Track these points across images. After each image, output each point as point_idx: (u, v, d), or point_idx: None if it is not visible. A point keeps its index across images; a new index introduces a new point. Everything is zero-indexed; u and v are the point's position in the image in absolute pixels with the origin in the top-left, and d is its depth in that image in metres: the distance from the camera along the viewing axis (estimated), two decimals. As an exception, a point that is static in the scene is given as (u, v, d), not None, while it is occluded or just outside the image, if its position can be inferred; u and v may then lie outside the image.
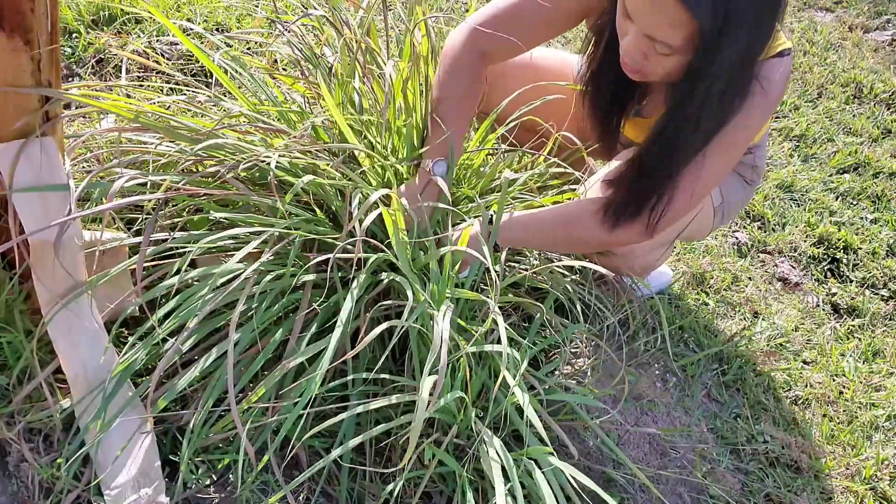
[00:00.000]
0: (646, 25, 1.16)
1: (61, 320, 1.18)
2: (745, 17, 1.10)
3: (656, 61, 1.20)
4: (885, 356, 1.86)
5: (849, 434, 1.62)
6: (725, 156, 1.33)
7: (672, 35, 1.13)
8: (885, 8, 3.57)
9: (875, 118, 2.78)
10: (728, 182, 1.58)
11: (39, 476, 1.13)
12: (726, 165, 1.37)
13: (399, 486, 1.16)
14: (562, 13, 1.37)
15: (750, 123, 1.31)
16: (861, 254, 2.16)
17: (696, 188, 1.32)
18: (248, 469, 1.18)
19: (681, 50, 1.16)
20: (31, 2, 1.03)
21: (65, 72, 1.82)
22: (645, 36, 1.17)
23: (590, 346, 1.55)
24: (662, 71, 1.22)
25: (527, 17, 1.38)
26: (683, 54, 1.16)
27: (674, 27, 1.12)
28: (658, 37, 1.15)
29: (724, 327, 1.80)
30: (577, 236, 1.41)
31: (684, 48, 1.15)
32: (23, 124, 1.13)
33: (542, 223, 1.42)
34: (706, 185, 1.35)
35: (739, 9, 1.09)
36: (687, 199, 1.33)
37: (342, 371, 1.26)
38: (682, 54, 1.17)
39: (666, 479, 1.41)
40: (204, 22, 2.05)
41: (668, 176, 1.30)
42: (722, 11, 1.08)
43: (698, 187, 1.33)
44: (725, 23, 1.09)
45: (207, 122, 1.41)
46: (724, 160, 1.33)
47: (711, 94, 1.19)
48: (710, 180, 1.35)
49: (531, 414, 1.15)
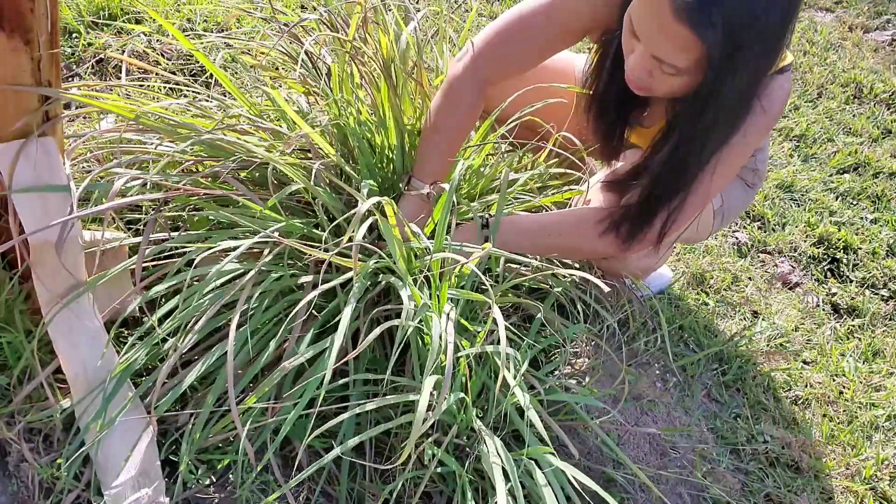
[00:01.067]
0: (653, 47, 1.15)
1: (61, 320, 1.17)
2: (754, 42, 1.09)
3: (662, 80, 1.20)
4: (885, 356, 1.86)
5: (849, 434, 1.62)
6: (727, 170, 1.34)
7: (679, 58, 1.13)
8: (885, 8, 3.57)
9: (875, 118, 2.78)
10: (729, 185, 1.58)
11: (39, 476, 1.13)
12: (728, 179, 1.39)
13: (399, 486, 1.16)
14: (563, 31, 1.37)
15: (751, 140, 1.32)
16: (861, 254, 2.16)
17: (698, 203, 1.34)
18: (248, 469, 1.18)
19: (687, 71, 1.15)
20: (31, 2, 1.03)
21: (65, 72, 1.82)
22: (652, 56, 1.16)
23: (590, 347, 1.55)
24: (668, 89, 1.21)
25: (529, 37, 1.37)
26: (690, 75, 1.16)
27: (681, 50, 1.12)
28: (665, 59, 1.14)
29: (724, 327, 1.80)
30: (574, 246, 1.41)
31: (691, 70, 1.14)
32: (23, 124, 1.13)
33: (537, 229, 1.42)
34: (707, 199, 1.37)
35: (748, 34, 1.08)
36: (689, 214, 1.35)
37: (343, 371, 1.26)
38: (688, 75, 1.16)
39: (666, 479, 1.41)
40: (204, 22, 2.05)
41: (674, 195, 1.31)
42: (731, 36, 1.07)
43: (700, 202, 1.35)
44: (735, 48, 1.09)
45: (207, 122, 1.41)
46: (725, 175, 1.35)
47: (719, 115, 1.19)
48: (712, 194, 1.37)
49: (531, 414, 1.15)
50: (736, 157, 1.34)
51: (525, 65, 1.42)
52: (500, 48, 1.38)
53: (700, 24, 1.07)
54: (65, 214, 1.15)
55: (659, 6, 1.10)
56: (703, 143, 1.24)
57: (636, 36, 1.17)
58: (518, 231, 1.40)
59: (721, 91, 1.15)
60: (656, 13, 1.11)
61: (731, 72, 1.12)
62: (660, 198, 1.32)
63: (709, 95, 1.16)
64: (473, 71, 1.39)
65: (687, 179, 1.30)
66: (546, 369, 1.43)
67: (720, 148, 1.27)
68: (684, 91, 1.20)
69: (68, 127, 1.54)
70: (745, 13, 1.07)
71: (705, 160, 1.27)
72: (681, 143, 1.25)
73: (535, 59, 1.42)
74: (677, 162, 1.27)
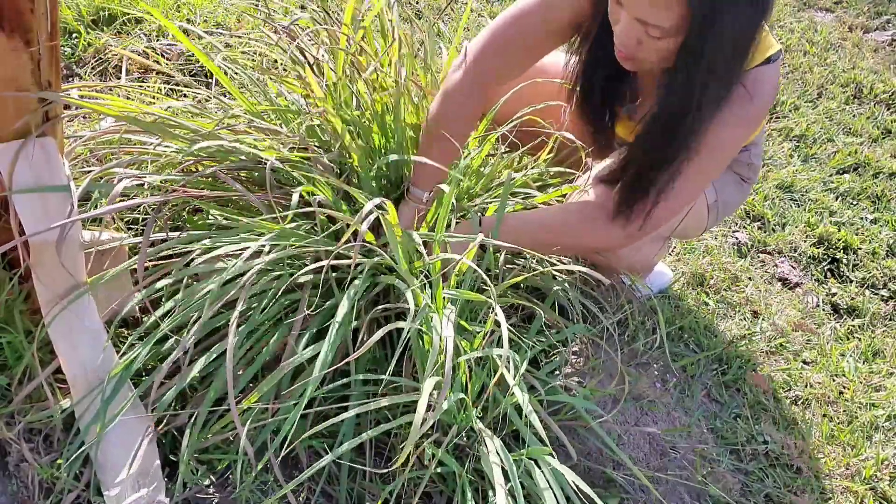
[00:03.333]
0: (636, 10, 1.16)
1: (61, 321, 1.17)
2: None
3: (650, 46, 1.20)
4: (885, 356, 1.86)
5: (849, 434, 1.62)
6: (715, 154, 1.33)
7: (663, 17, 1.14)
8: (885, 8, 3.57)
9: (875, 118, 2.78)
10: (723, 180, 1.58)
11: (39, 476, 1.13)
12: (716, 165, 1.38)
13: (399, 486, 1.16)
14: (559, 24, 1.37)
15: (738, 131, 1.32)
16: (861, 254, 2.16)
17: (688, 188, 1.33)
18: (248, 469, 1.18)
19: (673, 31, 1.16)
20: (31, 2, 1.03)
21: (65, 72, 1.82)
22: (636, 20, 1.17)
23: (590, 347, 1.55)
24: (657, 56, 1.22)
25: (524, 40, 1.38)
26: (676, 36, 1.16)
27: (665, 8, 1.13)
28: (650, 20, 1.15)
29: (724, 327, 1.80)
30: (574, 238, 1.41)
31: (677, 29, 1.15)
32: (23, 124, 1.13)
33: (533, 224, 1.42)
34: (697, 186, 1.36)
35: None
36: (681, 200, 1.34)
37: (343, 371, 1.26)
38: (674, 36, 1.17)
39: (666, 479, 1.41)
40: (204, 22, 2.05)
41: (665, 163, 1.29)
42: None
43: (690, 188, 1.34)
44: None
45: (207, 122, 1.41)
46: (713, 160, 1.34)
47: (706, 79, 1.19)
48: (701, 180, 1.36)
49: (531, 414, 1.15)
50: (723, 146, 1.32)
51: (522, 67, 1.43)
52: (500, 47, 1.38)
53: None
54: (65, 215, 1.15)
55: None
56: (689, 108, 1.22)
57: (620, 2, 1.18)
58: (516, 226, 1.40)
59: (707, 45, 1.15)
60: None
61: (712, 25, 1.12)
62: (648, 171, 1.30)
63: (695, 50, 1.16)
64: (472, 79, 1.39)
65: (674, 150, 1.27)
66: (546, 369, 1.43)
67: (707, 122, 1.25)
68: (673, 58, 1.20)
69: (68, 127, 1.54)
70: None
71: (690, 130, 1.25)
72: (666, 110, 1.25)
73: (532, 59, 1.43)
74: (662, 128, 1.26)
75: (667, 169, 1.29)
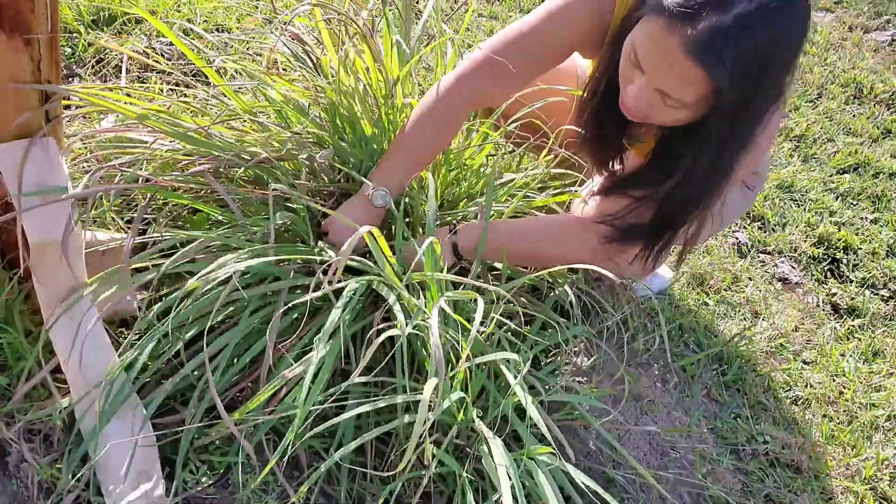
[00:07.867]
0: (659, 81, 1.13)
1: (61, 321, 1.17)
2: (765, 80, 1.09)
3: (663, 111, 1.18)
4: (885, 356, 1.86)
5: (849, 434, 1.62)
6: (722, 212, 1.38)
7: (688, 92, 1.11)
8: (885, 8, 3.57)
9: (875, 118, 2.78)
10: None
11: (39, 476, 1.12)
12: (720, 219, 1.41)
13: (399, 486, 1.16)
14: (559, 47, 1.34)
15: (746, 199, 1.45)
16: (861, 254, 2.16)
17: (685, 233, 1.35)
18: (249, 470, 1.18)
19: (693, 105, 1.13)
20: (31, 2, 1.03)
21: (65, 72, 1.82)
22: (656, 90, 1.14)
23: (590, 347, 1.55)
24: (669, 119, 1.19)
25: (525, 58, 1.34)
26: (695, 108, 1.14)
27: (690, 85, 1.10)
28: (672, 94, 1.13)
29: (725, 327, 1.80)
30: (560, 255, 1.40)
31: (697, 103, 1.13)
32: (22, 124, 1.13)
33: (522, 234, 1.40)
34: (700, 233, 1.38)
35: (760, 72, 1.07)
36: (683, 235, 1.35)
37: (343, 372, 1.26)
38: (693, 108, 1.15)
39: (666, 479, 1.41)
40: (204, 22, 2.05)
41: (677, 226, 1.31)
42: (742, 75, 1.06)
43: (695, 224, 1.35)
44: (745, 87, 1.08)
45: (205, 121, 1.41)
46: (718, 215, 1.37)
47: (731, 151, 1.19)
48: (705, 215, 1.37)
49: (531, 414, 1.15)
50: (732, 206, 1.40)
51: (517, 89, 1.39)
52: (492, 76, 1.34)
53: (711, 63, 1.05)
54: (65, 215, 1.15)
55: (669, 42, 1.07)
56: (711, 178, 1.23)
57: (640, 68, 1.15)
58: (499, 237, 1.37)
59: (728, 127, 1.14)
60: (665, 49, 1.08)
61: (741, 109, 1.12)
62: (663, 228, 1.33)
63: (718, 131, 1.15)
64: (459, 92, 1.36)
65: (690, 211, 1.29)
66: (546, 369, 1.43)
67: (724, 182, 1.26)
68: (686, 121, 1.18)
69: (68, 127, 1.54)
70: (757, 52, 1.06)
71: (709, 194, 1.26)
72: (686, 179, 1.24)
73: (530, 80, 1.39)
74: (682, 199, 1.27)
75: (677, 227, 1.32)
